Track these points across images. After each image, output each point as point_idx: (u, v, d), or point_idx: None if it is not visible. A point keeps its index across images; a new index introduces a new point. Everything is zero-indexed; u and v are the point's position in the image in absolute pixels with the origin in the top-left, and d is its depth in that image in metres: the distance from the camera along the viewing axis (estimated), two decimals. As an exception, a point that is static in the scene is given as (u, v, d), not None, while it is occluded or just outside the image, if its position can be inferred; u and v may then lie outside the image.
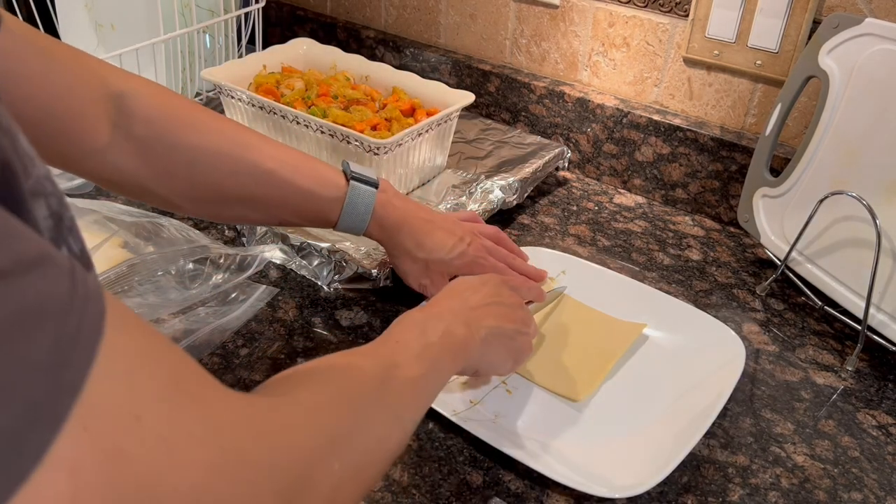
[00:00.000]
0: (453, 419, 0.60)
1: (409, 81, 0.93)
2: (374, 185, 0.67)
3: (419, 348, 0.48)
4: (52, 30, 1.04)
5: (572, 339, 0.71)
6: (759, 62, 0.87)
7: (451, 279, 0.67)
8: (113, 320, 0.24)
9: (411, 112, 0.89)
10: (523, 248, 0.80)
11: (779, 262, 0.80)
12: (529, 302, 0.69)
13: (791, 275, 0.80)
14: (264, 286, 0.75)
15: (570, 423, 0.63)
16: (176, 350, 0.28)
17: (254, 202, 0.63)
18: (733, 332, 0.69)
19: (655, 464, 0.57)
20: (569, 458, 0.59)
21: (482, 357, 0.56)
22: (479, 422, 0.61)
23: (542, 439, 0.61)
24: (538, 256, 0.79)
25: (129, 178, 0.59)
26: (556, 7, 0.99)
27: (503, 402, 0.65)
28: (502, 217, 0.90)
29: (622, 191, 1.00)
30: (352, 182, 0.66)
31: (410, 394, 0.45)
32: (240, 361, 0.67)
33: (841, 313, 0.75)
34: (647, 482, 0.54)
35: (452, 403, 0.63)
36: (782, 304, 0.80)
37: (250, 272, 0.76)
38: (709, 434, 0.63)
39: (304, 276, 0.78)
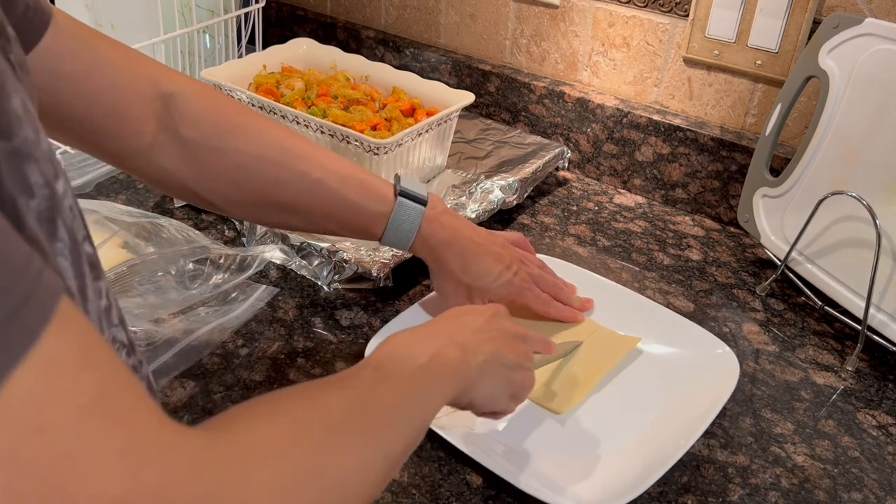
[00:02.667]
0: (430, 425, 0.59)
1: (409, 81, 0.93)
2: (423, 201, 0.64)
3: (405, 372, 0.43)
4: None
5: (563, 349, 0.69)
6: (759, 62, 0.87)
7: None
8: (58, 327, 0.23)
9: (411, 112, 0.89)
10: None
11: (779, 262, 0.80)
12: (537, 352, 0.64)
13: (791, 275, 0.80)
14: (264, 286, 0.75)
15: (551, 435, 0.61)
16: (118, 368, 0.26)
17: (298, 211, 0.62)
18: (731, 351, 0.67)
19: (628, 482, 0.55)
20: (542, 470, 0.58)
21: (478, 386, 0.50)
22: (456, 429, 0.60)
23: (519, 449, 0.60)
24: None
25: (173, 179, 0.59)
26: (556, 7, 0.99)
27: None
28: (502, 217, 0.90)
29: (622, 191, 1.00)
30: (399, 198, 0.63)
31: (391, 423, 0.39)
32: (240, 361, 0.67)
33: (841, 313, 0.75)
34: (617, 500, 0.53)
35: None
36: (782, 304, 0.80)
37: (250, 272, 0.76)
38: (708, 434, 0.63)
39: (304, 276, 0.78)
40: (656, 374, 0.68)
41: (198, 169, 0.58)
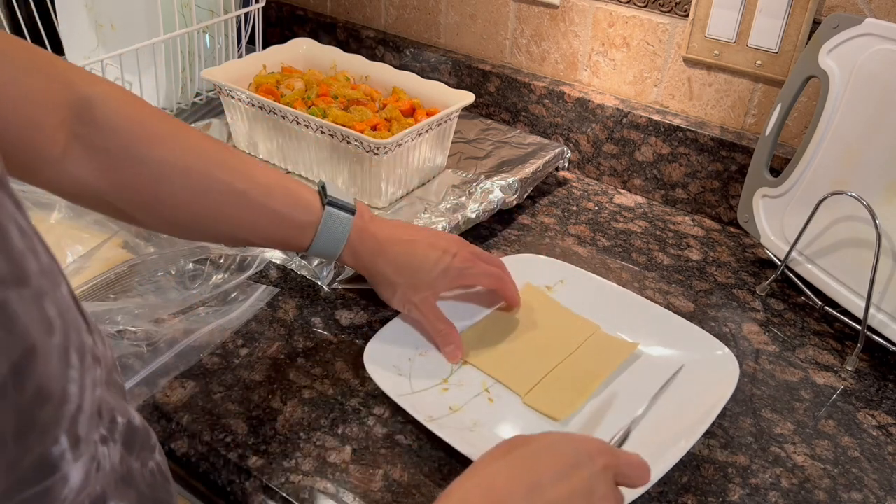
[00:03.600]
0: (428, 425, 0.59)
1: (409, 81, 0.93)
2: (351, 210, 0.63)
3: None
4: (52, 30, 1.04)
5: (562, 353, 0.69)
6: (759, 62, 0.87)
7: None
8: None
9: (411, 112, 0.89)
10: (524, 255, 0.79)
11: (779, 262, 0.80)
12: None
13: (791, 275, 0.80)
14: (264, 286, 0.75)
15: None
16: None
17: (220, 223, 0.59)
18: (730, 353, 0.67)
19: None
20: None
21: None
22: (454, 429, 0.59)
23: None
24: (536, 263, 0.78)
25: (88, 191, 0.55)
26: (556, 7, 0.99)
27: (484, 411, 0.63)
28: (502, 217, 0.90)
29: (622, 191, 1.00)
30: (327, 207, 0.62)
31: None
32: (240, 361, 0.67)
33: (841, 313, 0.75)
34: None
35: (430, 408, 0.61)
36: (782, 304, 0.80)
37: (250, 272, 0.76)
38: (709, 434, 0.63)
39: (304, 276, 0.78)
40: (655, 376, 0.66)
41: (114, 180, 0.55)
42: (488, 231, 0.88)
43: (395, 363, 0.66)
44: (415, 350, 0.68)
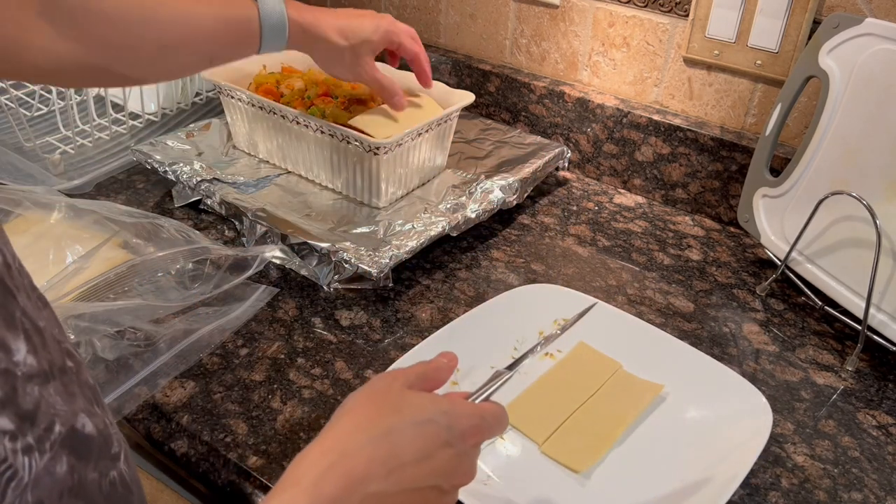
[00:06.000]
0: None
1: (410, 81, 0.93)
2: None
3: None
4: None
5: (582, 395, 0.65)
6: (759, 62, 0.87)
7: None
8: None
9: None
10: (542, 285, 0.76)
11: (779, 262, 0.80)
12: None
13: (791, 275, 0.80)
14: (264, 286, 0.75)
15: (570, 495, 0.56)
16: None
17: (180, 44, 0.65)
18: (763, 398, 0.62)
19: None
20: None
21: None
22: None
23: None
24: (556, 294, 0.74)
25: (69, 62, 0.59)
26: (556, 7, 0.99)
27: (498, 462, 0.59)
28: (502, 217, 0.90)
29: (622, 191, 1.00)
30: None
31: None
32: (240, 361, 0.67)
33: (841, 313, 0.75)
34: None
35: None
36: (782, 304, 0.80)
37: (250, 272, 0.76)
38: (709, 434, 0.63)
39: (304, 276, 0.78)
40: (682, 424, 0.63)
41: (85, 41, 0.59)
42: (488, 231, 0.88)
43: None
44: None
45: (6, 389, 0.29)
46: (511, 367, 0.52)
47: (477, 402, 0.49)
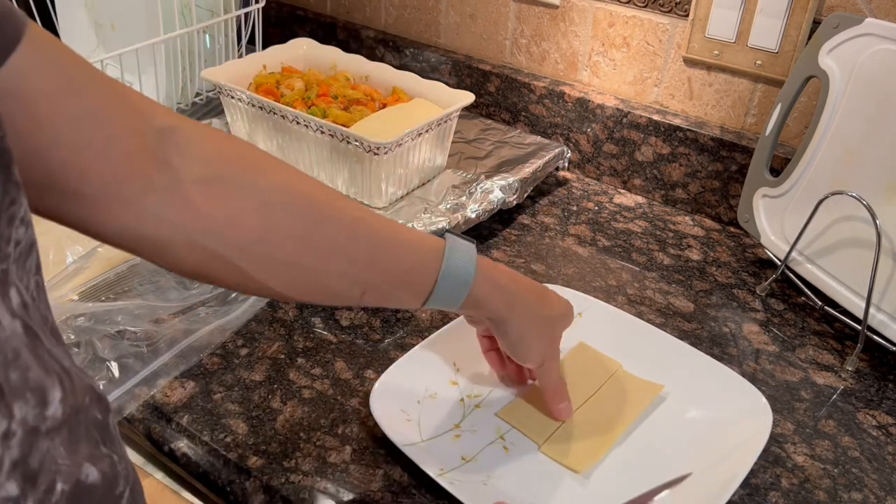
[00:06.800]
0: (439, 480, 0.54)
1: (409, 81, 0.93)
2: (472, 241, 0.55)
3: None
4: (51, 29, 1.04)
5: (582, 395, 0.64)
6: (759, 62, 0.87)
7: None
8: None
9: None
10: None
11: (779, 262, 0.80)
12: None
13: (791, 275, 0.80)
14: (264, 286, 0.75)
15: (570, 495, 0.56)
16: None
17: (339, 258, 0.49)
18: (763, 398, 0.62)
19: None
20: None
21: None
22: (467, 483, 0.55)
23: None
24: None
25: (178, 234, 0.43)
26: (556, 7, 0.99)
27: (498, 462, 0.59)
28: (502, 217, 0.90)
29: (622, 191, 1.00)
30: (448, 234, 0.54)
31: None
32: (240, 361, 0.67)
33: (841, 313, 0.75)
34: None
35: (441, 458, 0.58)
36: (782, 304, 0.80)
37: (250, 272, 0.76)
38: (709, 434, 0.63)
39: (304, 277, 0.78)
40: (682, 424, 0.63)
41: (214, 215, 0.44)
42: (488, 231, 0.88)
43: (402, 406, 0.62)
44: (424, 391, 0.64)
45: (24, 450, 0.27)
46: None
47: None
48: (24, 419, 0.27)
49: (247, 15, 1.11)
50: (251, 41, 1.13)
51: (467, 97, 0.89)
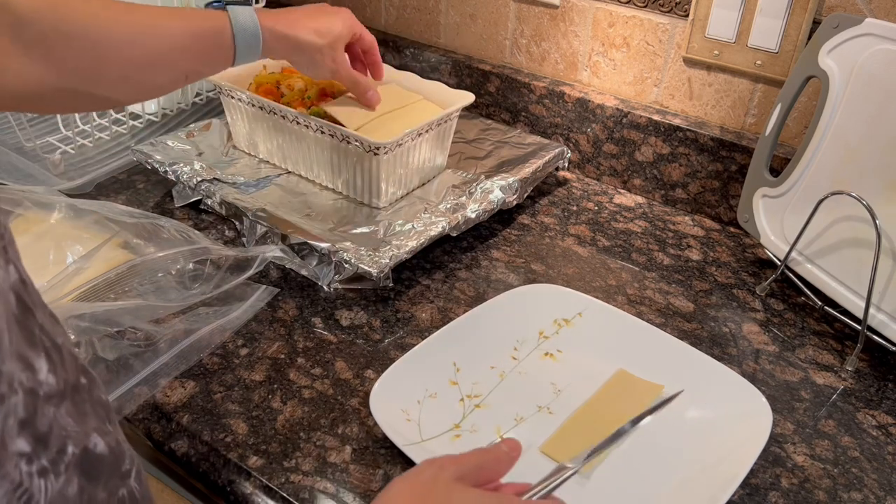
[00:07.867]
0: None
1: (409, 81, 0.93)
2: (248, 2, 0.72)
3: None
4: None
5: (583, 397, 0.65)
6: (759, 62, 0.87)
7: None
8: None
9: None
10: (541, 285, 0.75)
11: (779, 262, 0.80)
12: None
13: (791, 275, 0.80)
14: (264, 286, 0.75)
15: (570, 495, 0.55)
16: None
17: (151, 62, 0.64)
18: (763, 398, 0.62)
19: None
20: None
21: None
22: None
23: None
24: (556, 295, 0.73)
25: (45, 87, 0.58)
26: (556, 7, 0.99)
27: None
28: (502, 217, 0.90)
29: (622, 191, 1.00)
30: (228, 7, 0.68)
31: None
32: (240, 361, 0.67)
33: (841, 313, 0.75)
34: None
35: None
36: (782, 304, 0.80)
37: (250, 272, 0.76)
38: (709, 434, 0.63)
39: (304, 276, 0.78)
40: (682, 424, 0.62)
41: (56, 63, 0.58)
42: (488, 231, 0.88)
43: (402, 406, 0.62)
44: (424, 391, 0.64)
45: (29, 410, 0.29)
46: (574, 463, 0.50)
47: (535, 498, 0.45)
48: (19, 379, 0.28)
49: (247, 15, 1.11)
50: (251, 41, 1.13)
51: (467, 97, 0.89)
